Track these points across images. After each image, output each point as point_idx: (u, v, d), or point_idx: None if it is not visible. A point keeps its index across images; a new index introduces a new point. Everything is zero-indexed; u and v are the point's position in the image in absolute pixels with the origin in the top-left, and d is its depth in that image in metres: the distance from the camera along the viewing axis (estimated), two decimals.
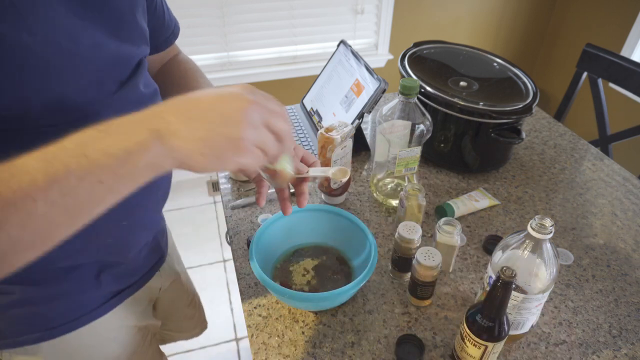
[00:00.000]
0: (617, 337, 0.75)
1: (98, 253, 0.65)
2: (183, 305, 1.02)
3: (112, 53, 0.54)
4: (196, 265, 2.04)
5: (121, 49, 0.55)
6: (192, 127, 0.39)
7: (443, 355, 0.71)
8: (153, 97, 0.65)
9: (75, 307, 0.67)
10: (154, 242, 0.79)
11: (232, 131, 0.39)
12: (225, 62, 2.19)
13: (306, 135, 1.19)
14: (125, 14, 0.55)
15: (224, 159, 0.40)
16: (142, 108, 0.54)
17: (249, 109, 0.40)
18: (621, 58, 1.39)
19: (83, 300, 0.68)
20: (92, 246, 0.63)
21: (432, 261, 0.73)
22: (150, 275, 0.80)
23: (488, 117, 0.99)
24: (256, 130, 0.41)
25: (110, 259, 0.68)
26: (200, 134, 0.39)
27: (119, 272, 0.71)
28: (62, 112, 0.49)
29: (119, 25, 0.54)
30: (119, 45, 0.55)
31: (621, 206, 1.03)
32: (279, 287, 0.69)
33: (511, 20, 2.51)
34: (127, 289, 0.74)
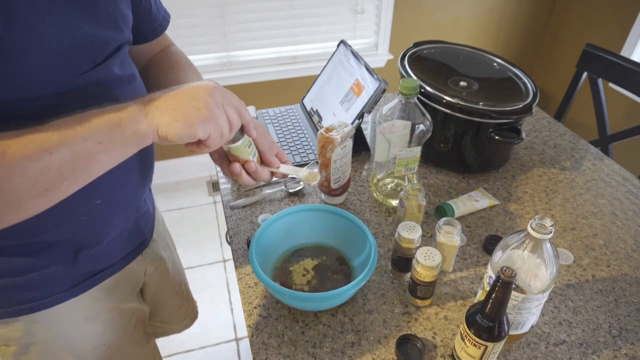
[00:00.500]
0: (617, 337, 0.75)
1: (74, 231, 0.65)
2: (171, 293, 1.02)
3: (86, 35, 0.56)
4: (196, 265, 2.04)
5: (97, 32, 0.57)
6: (169, 103, 0.53)
7: (443, 355, 0.71)
8: (130, 80, 0.66)
9: (51, 284, 0.68)
10: (134, 226, 0.79)
11: (199, 103, 0.53)
12: (225, 62, 2.19)
13: (306, 135, 1.19)
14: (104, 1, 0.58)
15: (194, 125, 0.52)
16: (115, 90, 0.61)
17: (213, 89, 0.55)
18: (621, 58, 1.39)
19: (59, 278, 0.68)
20: (67, 223, 0.64)
21: (432, 261, 0.73)
22: (130, 258, 0.80)
23: (488, 117, 0.99)
24: (217, 105, 0.55)
25: (86, 239, 0.68)
26: (174, 105, 0.53)
27: (96, 253, 0.71)
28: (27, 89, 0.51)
29: (95, 8, 0.56)
30: (94, 28, 0.57)
31: (621, 206, 1.03)
32: (279, 287, 0.69)
33: (511, 20, 2.51)
34: (106, 269, 0.75)
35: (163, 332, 1.13)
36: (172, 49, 0.83)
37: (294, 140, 1.18)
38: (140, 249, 0.83)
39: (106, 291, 0.76)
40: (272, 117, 1.28)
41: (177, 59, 0.81)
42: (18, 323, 0.68)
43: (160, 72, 0.78)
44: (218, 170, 1.12)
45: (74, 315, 0.73)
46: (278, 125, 1.25)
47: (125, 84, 0.65)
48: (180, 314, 1.11)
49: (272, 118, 1.28)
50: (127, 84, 0.65)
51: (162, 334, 1.14)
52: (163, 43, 0.82)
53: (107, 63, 0.60)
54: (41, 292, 0.68)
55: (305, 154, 1.13)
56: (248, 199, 0.99)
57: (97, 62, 0.59)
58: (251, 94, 2.30)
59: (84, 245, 0.68)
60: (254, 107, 1.26)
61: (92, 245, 0.70)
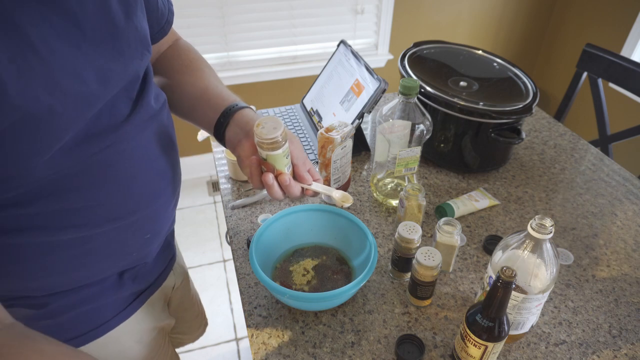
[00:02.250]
0: (617, 337, 0.75)
1: (122, 264, 0.66)
2: (190, 304, 1.03)
3: (120, 76, 0.53)
4: (196, 265, 2.04)
5: (128, 69, 0.54)
6: None
7: (443, 355, 0.71)
8: (162, 109, 0.65)
9: (100, 313, 0.68)
10: (165, 242, 0.79)
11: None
12: (225, 62, 2.19)
13: (306, 135, 1.19)
14: (124, 29, 0.53)
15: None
16: (154, 123, 0.60)
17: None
18: (621, 58, 1.39)
19: (107, 305, 0.68)
20: (118, 262, 0.65)
21: (432, 261, 0.73)
22: (165, 274, 0.80)
23: (488, 117, 0.99)
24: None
25: (130, 265, 0.69)
26: None
27: (138, 273, 0.71)
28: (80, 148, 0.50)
29: (121, 43, 0.53)
30: (125, 65, 0.54)
31: (621, 206, 1.03)
32: (279, 287, 0.69)
33: (511, 20, 2.51)
34: (147, 289, 0.75)
35: (179, 343, 1.13)
36: (181, 43, 0.81)
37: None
38: (171, 264, 0.83)
39: (146, 312, 0.76)
40: None
41: (189, 55, 0.78)
42: None
43: (174, 72, 0.76)
44: (218, 170, 1.12)
45: (123, 341, 0.73)
46: None
47: (160, 114, 0.64)
48: (196, 323, 1.11)
49: None
50: (161, 112, 0.64)
51: (179, 345, 1.13)
52: (171, 38, 0.80)
53: (145, 98, 0.59)
54: (92, 322, 0.67)
55: (306, 154, 1.13)
56: (248, 199, 0.99)
57: (132, 98, 0.57)
58: (251, 94, 2.30)
59: (127, 269, 0.69)
60: (254, 107, 1.26)
61: (133, 268, 0.70)
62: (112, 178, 0.56)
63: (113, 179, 0.56)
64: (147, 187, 0.62)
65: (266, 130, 0.60)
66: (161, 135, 0.64)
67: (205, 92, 0.74)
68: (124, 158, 0.56)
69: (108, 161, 0.54)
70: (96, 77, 0.49)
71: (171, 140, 0.68)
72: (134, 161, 0.58)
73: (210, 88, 0.74)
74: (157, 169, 0.63)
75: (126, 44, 0.54)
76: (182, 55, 0.78)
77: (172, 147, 0.68)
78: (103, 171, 0.54)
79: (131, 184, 0.59)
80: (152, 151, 0.61)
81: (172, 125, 0.69)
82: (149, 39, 0.60)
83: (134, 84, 0.58)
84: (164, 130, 0.65)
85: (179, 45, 0.80)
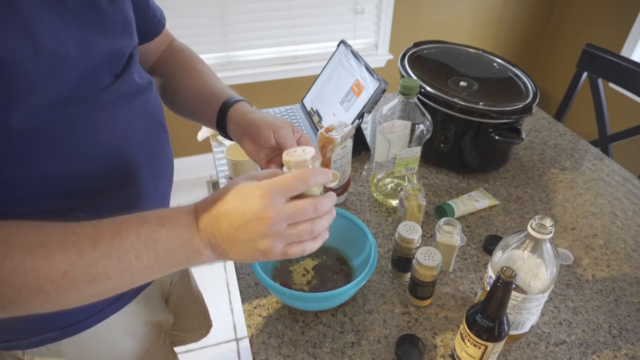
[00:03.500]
0: (617, 337, 0.75)
1: None
2: (191, 301, 1.02)
3: (104, 50, 0.55)
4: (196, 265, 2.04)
5: (112, 44, 0.56)
6: (230, 244, 0.50)
7: (443, 355, 0.71)
8: (148, 87, 0.65)
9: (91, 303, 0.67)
10: None
11: (259, 245, 0.49)
12: (225, 62, 2.19)
13: None
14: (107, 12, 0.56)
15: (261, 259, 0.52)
16: (138, 98, 0.60)
17: (270, 223, 0.48)
18: (621, 58, 1.39)
19: None
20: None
21: (432, 261, 0.73)
22: None
23: (488, 117, 0.99)
24: (281, 237, 0.49)
25: None
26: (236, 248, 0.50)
27: None
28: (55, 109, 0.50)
29: (108, 21, 0.55)
30: (110, 40, 0.56)
31: (621, 206, 1.03)
32: (279, 287, 0.69)
33: (511, 20, 2.51)
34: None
35: (181, 341, 1.12)
36: (176, 44, 0.82)
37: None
38: None
39: (141, 304, 0.76)
40: None
41: (184, 55, 0.79)
42: (61, 348, 0.67)
43: (172, 75, 0.78)
44: (218, 170, 1.12)
45: (115, 332, 0.72)
46: None
47: (145, 91, 0.65)
48: (198, 322, 1.11)
49: None
50: (148, 91, 0.65)
51: (180, 343, 1.13)
52: (166, 40, 0.81)
53: (127, 73, 0.60)
54: (84, 311, 0.66)
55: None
56: None
57: (116, 73, 0.59)
58: (251, 94, 2.30)
59: None
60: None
61: None
62: (91, 145, 0.55)
63: (93, 146, 0.55)
64: (131, 163, 0.61)
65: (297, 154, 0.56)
66: (148, 113, 0.64)
67: (202, 92, 0.75)
68: (105, 127, 0.56)
69: (88, 127, 0.54)
70: (76, 44, 0.50)
71: (159, 122, 0.68)
72: (117, 133, 0.58)
73: (206, 87, 0.75)
74: (142, 145, 0.63)
75: (113, 23, 0.57)
76: (178, 56, 0.79)
77: (160, 128, 0.68)
78: (83, 136, 0.54)
79: (113, 155, 0.58)
80: (137, 126, 0.62)
81: (161, 109, 0.70)
82: (134, 26, 0.63)
83: (118, 61, 0.59)
84: (151, 110, 0.65)
85: (175, 46, 0.82)
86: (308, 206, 0.49)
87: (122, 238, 0.46)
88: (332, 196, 0.53)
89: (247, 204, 0.48)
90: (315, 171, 0.51)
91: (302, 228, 0.50)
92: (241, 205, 0.48)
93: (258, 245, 0.49)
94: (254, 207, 0.47)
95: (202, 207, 0.51)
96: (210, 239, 0.50)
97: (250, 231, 0.48)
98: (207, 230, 0.50)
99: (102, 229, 0.46)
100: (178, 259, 0.50)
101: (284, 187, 0.48)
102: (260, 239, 0.48)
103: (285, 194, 0.49)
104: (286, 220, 0.49)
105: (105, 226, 0.47)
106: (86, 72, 0.52)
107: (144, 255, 0.47)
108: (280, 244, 0.50)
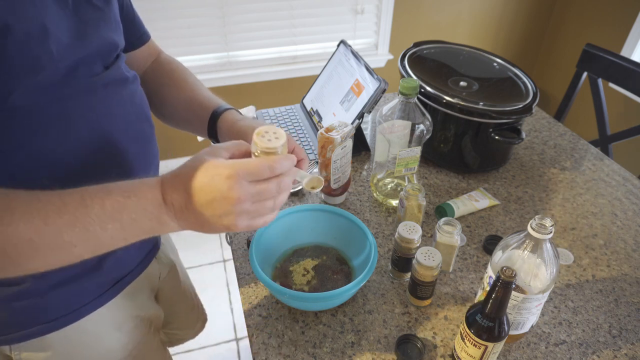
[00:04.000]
0: (617, 337, 0.75)
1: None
2: (183, 296, 1.02)
3: (97, 42, 0.59)
4: (196, 265, 2.04)
5: (105, 37, 0.61)
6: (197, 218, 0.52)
7: (443, 355, 0.71)
8: (134, 81, 0.68)
9: (78, 295, 0.68)
10: None
11: (224, 220, 0.51)
12: (225, 62, 2.19)
13: (306, 135, 1.19)
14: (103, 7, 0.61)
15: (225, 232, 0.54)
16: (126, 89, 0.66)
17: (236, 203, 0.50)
18: (621, 58, 1.39)
19: (86, 288, 0.68)
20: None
21: (432, 261, 0.73)
22: (146, 262, 0.80)
23: (488, 117, 0.99)
24: (246, 215, 0.52)
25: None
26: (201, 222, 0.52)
27: (118, 257, 0.71)
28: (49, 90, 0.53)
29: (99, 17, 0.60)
30: (102, 34, 0.60)
31: (621, 206, 1.03)
32: (279, 287, 0.69)
33: (511, 20, 2.52)
34: (127, 275, 0.75)
35: (179, 340, 1.12)
36: (164, 57, 0.85)
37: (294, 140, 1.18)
38: (154, 252, 0.83)
39: (128, 298, 0.76)
40: (272, 117, 1.28)
41: (171, 67, 0.83)
42: (47, 342, 0.67)
43: (161, 86, 0.80)
44: None
45: (101, 326, 0.73)
46: (278, 125, 1.25)
47: (132, 84, 0.67)
48: (192, 318, 1.11)
49: (272, 118, 1.28)
50: (134, 84, 0.68)
51: (178, 342, 1.13)
52: (154, 52, 0.84)
53: (116, 65, 0.63)
54: (70, 305, 0.67)
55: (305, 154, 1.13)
56: None
57: (107, 65, 0.62)
58: (251, 94, 2.30)
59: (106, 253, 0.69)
60: (254, 107, 1.27)
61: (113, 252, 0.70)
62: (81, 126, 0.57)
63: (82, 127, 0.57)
64: (118, 149, 0.63)
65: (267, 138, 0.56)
66: (135, 104, 0.67)
67: (191, 103, 0.78)
68: (95, 110, 0.59)
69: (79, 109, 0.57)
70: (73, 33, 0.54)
71: (145, 114, 0.70)
72: (107, 118, 0.61)
73: (194, 98, 0.78)
74: (129, 133, 0.65)
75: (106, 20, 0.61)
76: (165, 68, 0.83)
77: (146, 120, 0.70)
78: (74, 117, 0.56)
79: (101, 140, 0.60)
80: (125, 114, 0.64)
81: (147, 104, 0.73)
82: (121, 29, 0.68)
83: (110, 53, 0.62)
84: (137, 102, 0.68)
85: (162, 58, 0.85)
86: (272, 186, 0.52)
87: (86, 208, 0.48)
88: (293, 171, 0.56)
89: (214, 182, 0.50)
90: (283, 159, 0.53)
91: (266, 204, 0.53)
92: (208, 184, 0.50)
93: (223, 221, 0.51)
94: (220, 187, 0.49)
95: (169, 181, 0.52)
96: (177, 213, 0.52)
97: (216, 208, 0.50)
98: (174, 204, 0.51)
99: (67, 199, 0.48)
100: (143, 229, 0.52)
101: (250, 171, 0.50)
102: (225, 215, 0.51)
103: (251, 178, 0.51)
104: (251, 199, 0.51)
105: (71, 195, 0.48)
106: (81, 60, 0.56)
107: (108, 225, 0.49)
108: (245, 219, 0.52)
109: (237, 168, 0.50)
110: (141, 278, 0.79)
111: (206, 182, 0.50)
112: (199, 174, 0.50)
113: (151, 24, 1.92)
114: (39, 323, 0.65)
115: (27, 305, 0.63)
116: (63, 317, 0.67)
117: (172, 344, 1.11)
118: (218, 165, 0.50)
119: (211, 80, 2.16)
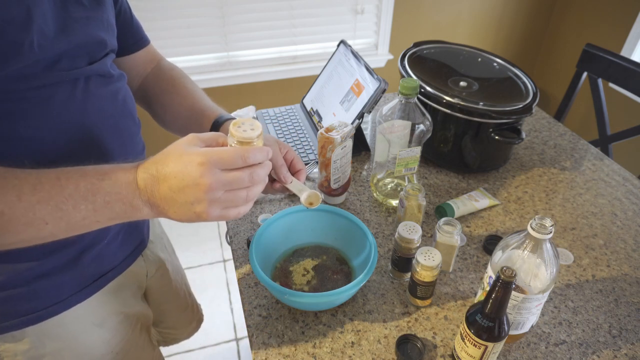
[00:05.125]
0: (617, 337, 0.75)
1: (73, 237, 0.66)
2: (174, 296, 1.02)
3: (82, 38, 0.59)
4: (196, 265, 2.04)
5: (92, 35, 0.61)
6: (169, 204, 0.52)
7: (443, 355, 0.71)
8: (120, 79, 0.69)
9: (56, 290, 0.68)
10: (131, 227, 0.79)
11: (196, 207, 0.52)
12: (225, 62, 2.19)
13: (306, 135, 1.19)
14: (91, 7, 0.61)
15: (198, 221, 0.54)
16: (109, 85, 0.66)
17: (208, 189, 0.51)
18: (621, 58, 1.39)
19: (65, 283, 0.68)
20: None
21: (432, 261, 0.73)
22: (131, 259, 0.80)
23: (488, 117, 0.99)
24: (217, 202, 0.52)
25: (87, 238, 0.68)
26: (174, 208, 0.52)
27: (98, 253, 0.71)
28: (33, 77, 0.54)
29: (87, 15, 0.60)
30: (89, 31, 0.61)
31: (621, 206, 1.03)
32: (279, 287, 0.69)
33: (511, 20, 2.52)
34: (109, 272, 0.75)
35: (173, 339, 1.12)
36: (164, 64, 0.85)
37: (294, 140, 1.18)
38: (139, 250, 0.83)
39: (111, 295, 0.76)
40: (272, 117, 1.28)
41: (172, 73, 0.83)
42: (26, 335, 0.67)
43: (162, 93, 0.81)
44: None
45: (82, 322, 0.73)
46: (278, 125, 1.25)
47: (117, 81, 0.68)
48: (186, 317, 1.11)
49: (272, 118, 1.28)
50: (119, 82, 0.68)
51: (173, 341, 1.13)
52: (154, 58, 0.84)
53: (102, 62, 0.64)
54: (48, 299, 0.67)
55: (305, 154, 1.13)
56: None
57: (92, 61, 0.62)
58: (251, 94, 2.30)
59: (86, 246, 0.68)
60: (253, 107, 1.27)
61: (93, 245, 0.69)
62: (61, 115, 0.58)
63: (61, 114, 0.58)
64: (97, 142, 0.63)
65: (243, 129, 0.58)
66: (118, 100, 0.67)
67: (193, 111, 0.78)
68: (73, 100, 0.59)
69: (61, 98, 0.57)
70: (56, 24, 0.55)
71: (130, 112, 0.71)
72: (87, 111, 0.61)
73: (195, 106, 0.79)
74: (111, 128, 0.65)
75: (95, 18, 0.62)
76: (166, 74, 0.83)
77: (130, 117, 0.71)
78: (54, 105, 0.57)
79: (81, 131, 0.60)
80: (106, 109, 0.64)
81: (133, 103, 0.73)
82: (115, 32, 0.69)
83: (97, 50, 0.63)
84: (121, 98, 0.68)
85: (163, 65, 0.85)
86: (245, 176, 0.53)
87: (61, 187, 0.49)
88: (268, 165, 0.57)
89: (187, 169, 0.50)
90: (256, 149, 0.54)
91: (239, 194, 0.54)
92: (181, 171, 0.51)
93: (195, 209, 0.52)
94: (192, 173, 0.50)
95: (144, 167, 0.53)
96: (150, 198, 0.53)
97: (188, 195, 0.51)
98: (147, 190, 0.52)
99: (42, 177, 0.49)
100: (116, 212, 0.52)
101: (222, 160, 0.51)
102: (197, 203, 0.51)
103: (223, 166, 0.51)
104: (223, 188, 0.52)
105: (47, 175, 0.50)
106: (65, 53, 0.56)
107: (81, 206, 0.50)
108: (217, 208, 0.53)
109: (210, 156, 0.51)
110: (126, 275, 0.78)
111: (179, 169, 0.51)
112: (173, 160, 0.51)
113: (151, 24, 1.93)
114: (16, 316, 0.66)
115: (3, 297, 0.64)
116: (40, 311, 0.67)
117: (166, 343, 1.11)
118: (192, 152, 0.51)
119: (211, 80, 2.16)
